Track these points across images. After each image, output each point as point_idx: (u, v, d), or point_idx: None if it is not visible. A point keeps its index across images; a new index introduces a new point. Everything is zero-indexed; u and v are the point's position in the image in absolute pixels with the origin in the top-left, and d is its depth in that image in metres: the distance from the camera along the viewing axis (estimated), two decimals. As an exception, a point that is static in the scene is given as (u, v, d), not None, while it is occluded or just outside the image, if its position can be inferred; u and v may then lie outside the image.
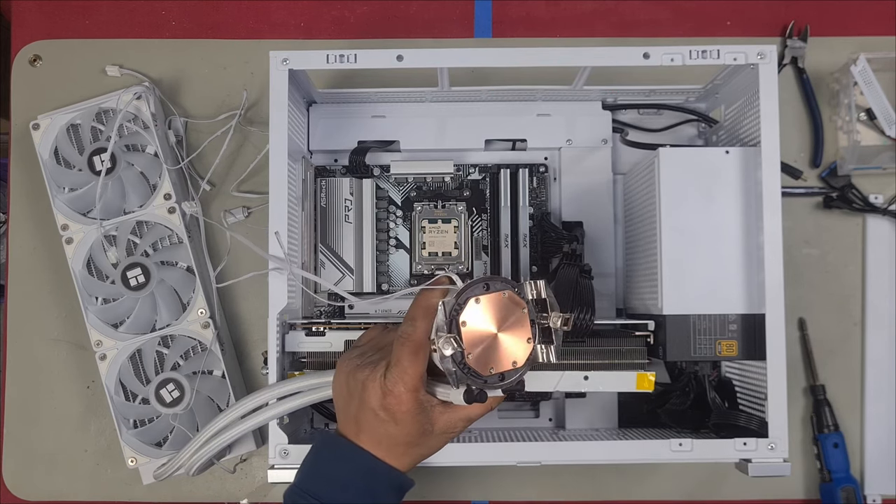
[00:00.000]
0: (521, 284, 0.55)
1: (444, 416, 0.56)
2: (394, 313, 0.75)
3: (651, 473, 0.80)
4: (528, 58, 0.65)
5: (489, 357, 0.53)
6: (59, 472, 0.80)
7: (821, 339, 0.80)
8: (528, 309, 0.54)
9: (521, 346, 0.54)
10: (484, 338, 0.53)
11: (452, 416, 0.56)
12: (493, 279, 0.54)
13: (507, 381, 0.54)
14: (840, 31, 0.83)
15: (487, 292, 0.53)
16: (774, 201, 0.62)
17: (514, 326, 0.53)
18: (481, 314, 0.53)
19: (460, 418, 0.56)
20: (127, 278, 0.76)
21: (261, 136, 0.81)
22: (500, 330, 0.53)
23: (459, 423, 0.56)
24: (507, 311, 0.53)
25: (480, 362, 0.53)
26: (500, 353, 0.53)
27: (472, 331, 0.53)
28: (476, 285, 0.53)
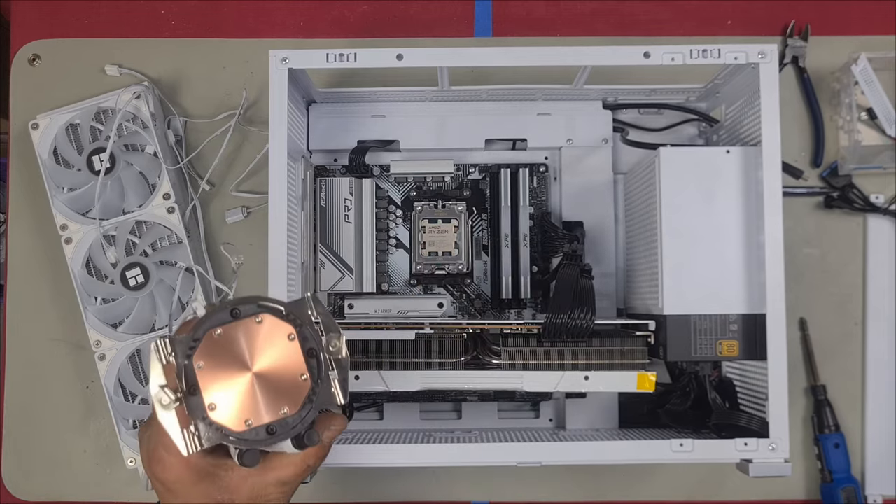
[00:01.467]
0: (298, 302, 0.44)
1: (248, 481, 0.45)
2: (393, 313, 0.74)
3: (651, 474, 0.80)
4: (528, 57, 0.65)
5: (243, 407, 0.41)
6: (59, 472, 0.80)
7: (821, 339, 0.80)
8: (299, 335, 0.42)
9: (290, 387, 0.42)
10: (234, 382, 0.41)
11: (259, 480, 0.45)
12: (246, 301, 0.43)
13: (278, 434, 0.42)
14: (841, 30, 0.83)
15: (235, 319, 0.42)
16: (775, 201, 0.62)
17: (279, 361, 0.42)
18: (227, 350, 0.41)
19: (270, 483, 0.45)
20: (126, 278, 0.76)
21: (260, 136, 0.81)
22: (258, 370, 0.42)
23: (271, 488, 0.45)
24: (267, 343, 0.42)
25: (230, 414, 0.41)
26: (259, 400, 0.41)
27: (214, 374, 0.41)
28: (220, 312, 0.42)
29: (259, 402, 0.41)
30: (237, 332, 0.42)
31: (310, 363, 0.42)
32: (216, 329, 0.42)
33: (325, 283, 0.74)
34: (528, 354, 0.65)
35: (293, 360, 0.42)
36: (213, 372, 0.41)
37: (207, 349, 0.41)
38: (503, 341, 0.65)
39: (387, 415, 0.76)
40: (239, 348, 0.42)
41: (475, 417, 0.77)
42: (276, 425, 0.42)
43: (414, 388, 0.65)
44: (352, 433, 0.73)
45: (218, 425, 0.41)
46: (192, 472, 0.44)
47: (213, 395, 0.41)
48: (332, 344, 0.43)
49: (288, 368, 0.42)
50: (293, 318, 0.43)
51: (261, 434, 0.42)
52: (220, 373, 0.41)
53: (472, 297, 0.77)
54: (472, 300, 0.77)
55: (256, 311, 0.42)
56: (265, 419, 0.41)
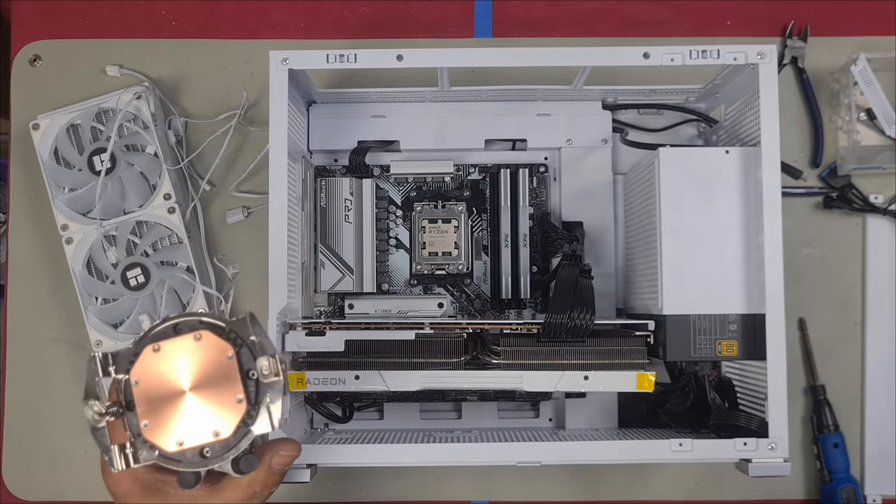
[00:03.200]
0: (238, 321, 0.42)
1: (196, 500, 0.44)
2: (393, 313, 0.75)
3: (651, 473, 0.80)
4: (528, 58, 0.65)
5: (176, 426, 0.40)
6: (59, 472, 0.80)
7: (821, 339, 0.80)
8: (238, 355, 0.41)
9: (226, 409, 0.40)
10: (168, 400, 0.40)
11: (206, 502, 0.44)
12: (189, 316, 0.42)
13: (211, 458, 0.41)
14: (840, 30, 0.83)
15: (176, 335, 0.41)
16: (774, 201, 0.62)
17: (216, 382, 0.40)
18: (164, 367, 0.40)
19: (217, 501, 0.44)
20: (127, 278, 0.76)
21: (261, 136, 0.81)
22: (193, 389, 0.40)
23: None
24: (205, 361, 0.41)
25: (162, 434, 0.40)
26: (193, 421, 0.40)
27: (150, 391, 0.40)
28: (162, 326, 0.41)
29: (193, 423, 0.40)
30: (176, 349, 0.41)
31: (247, 385, 0.41)
32: (155, 344, 0.41)
33: (326, 283, 0.74)
34: (527, 354, 0.65)
35: (229, 381, 0.40)
36: (148, 389, 0.40)
37: (144, 365, 0.40)
38: (503, 341, 0.65)
39: (387, 415, 0.76)
40: (176, 366, 0.40)
41: (475, 417, 0.77)
42: (209, 448, 0.41)
43: (414, 388, 0.65)
44: (352, 433, 0.73)
45: (151, 444, 0.40)
46: (139, 487, 0.44)
47: (147, 414, 0.40)
48: (263, 367, 0.41)
49: (224, 389, 0.40)
50: (234, 336, 0.41)
51: (194, 456, 0.41)
52: (155, 390, 0.40)
53: (472, 297, 0.77)
54: (472, 300, 0.77)
55: (198, 326, 0.41)
56: (198, 441, 0.40)
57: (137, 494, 0.44)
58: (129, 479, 0.44)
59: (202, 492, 0.44)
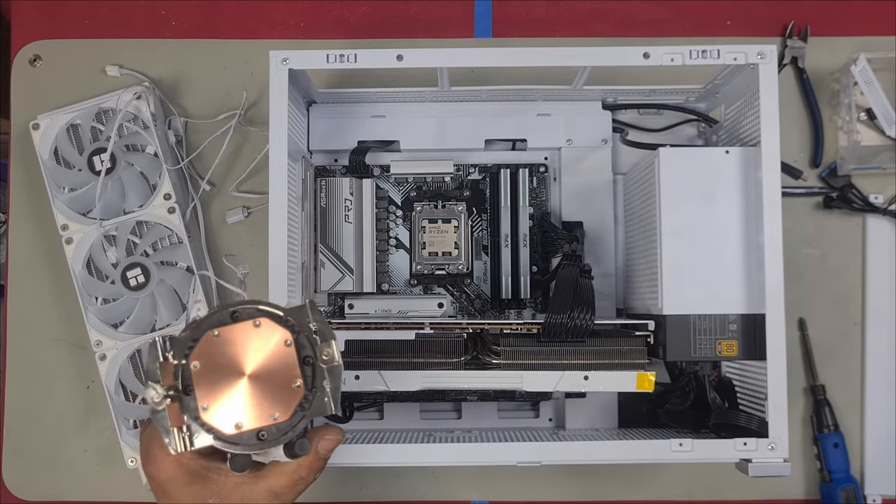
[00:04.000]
0: (298, 308, 0.43)
1: (240, 487, 0.44)
2: (393, 313, 0.75)
3: (651, 473, 0.80)
4: (528, 58, 0.65)
5: (234, 409, 0.41)
6: (59, 472, 0.80)
7: (821, 339, 0.80)
8: (296, 341, 0.42)
9: (283, 394, 0.41)
10: (227, 384, 0.41)
11: (250, 487, 0.44)
12: (247, 304, 0.42)
13: (267, 440, 0.41)
14: (840, 31, 0.83)
15: (234, 321, 0.42)
16: (774, 201, 0.62)
17: (274, 367, 0.41)
18: (223, 352, 0.41)
19: (261, 491, 0.45)
20: (127, 278, 0.76)
21: (261, 136, 0.81)
22: (252, 374, 0.41)
23: (261, 497, 0.45)
24: (262, 346, 0.41)
25: (221, 416, 0.41)
26: (252, 404, 0.41)
27: (209, 375, 0.41)
28: (220, 313, 0.42)
29: (251, 406, 0.41)
30: (234, 335, 0.41)
31: (304, 370, 0.42)
32: (214, 330, 0.41)
33: (326, 283, 0.74)
34: (527, 354, 0.65)
35: (288, 367, 0.41)
36: (207, 373, 0.41)
37: (204, 350, 0.41)
38: (503, 341, 0.65)
39: (387, 415, 0.76)
40: (235, 351, 0.41)
41: (475, 417, 0.77)
42: (266, 431, 0.41)
43: (414, 388, 0.65)
44: (352, 433, 0.73)
45: (209, 427, 0.41)
46: (184, 473, 0.44)
47: (205, 397, 0.41)
48: (325, 352, 0.42)
49: (282, 375, 0.41)
50: (291, 323, 0.42)
51: (251, 439, 0.41)
52: (214, 375, 0.41)
53: (472, 297, 0.77)
54: (472, 300, 0.77)
55: (255, 314, 0.42)
56: (256, 424, 0.41)
57: (181, 482, 0.43)
58: (175, 466, 0.44)
59: (246, 477, 0.44)
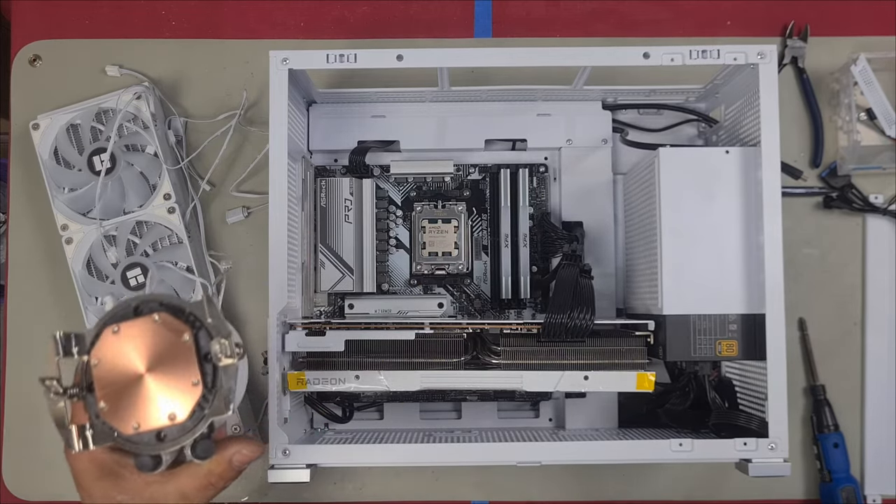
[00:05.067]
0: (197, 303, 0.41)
1: (150, 487, 0.43)
2: (393, 313, 0.75)
3: (651, 473, 0.80)
4: (528, 58, 0.65)
5: (133, 409, 0.39)
6: (59, 472, 0.79)
7: (821, 339, 0.80)
8: (195, 338, 0.40)
9: (181, 393, 0.39)
10: (125, 382, 0.39)
11: (159, 487, 0.43)
12: (149, 298, 0.41)
13: (167, 441, 0.40)
14: (840, 30, 0.83)
15: (136, 316, 0.40)
16: (774, 201, 0.62)
17: (172, 364, 0.39)
18: (121, 348, 0.39)
19: (170, 492, 0.43)
20: (127, 278, 0.76)
21: (261, 136, 0.81)
22: (150, 370, 0.39)
23: (171, 498, 0.43)
24: (162, 344, 0.40)
25: (119, 416, 0.39)
26: (149, 404, 0.39)
27: (108, 372, 0.39)
28: (122, 308, 0.40)
29: (149, 405, 0.39)
30: (134, 331, 0.40)
31: (204, 368, 0.40)
32: (114, 325, 0.40)
33: (326, 283, 0.74)
34: (527, 354, 0.65)
35: (187, 364, 0.40)
36: (107, 370, 0.39)
37: (104, 346, 0.40)
38: (503, 341, 0.65)
39: (387, 415, 0.76)
40: (135, 347, 0.40)
41: (475, 417, 0.77)
42: (167, 431, 0.40)
43: (414, 388, 0.65)
44: (352, 433, 0.73)
45: (109, 426, 0.40)
46: (95, 467, 0.43)
47: (105, 395, 0.39)
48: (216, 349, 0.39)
49: (181, 372, 0.40)
50: (192, 319, 0.40)
51: (150, 439, 0.40)
52: (113, 371, 0.40)
53: (472, 297, 0.77)
54: (472, 300, 0.77)
55: (157, 308, 0.40)
56: (154, 425, 0.40)
57: (92, 475, 0.43)
58: (87, 459, 0.44)
59: (156, 477, 0.42)
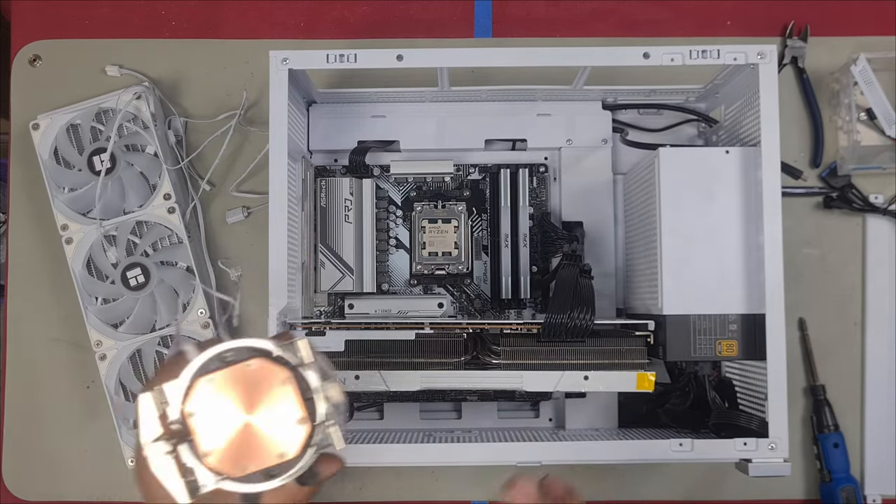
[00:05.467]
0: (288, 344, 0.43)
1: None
2: (393, 313, 0.75)
3: (651, 473, 0.80)
4: (528, 58, 0.65)
5: (239, 453, 0.40)
6: (59, 472, 0.80)
7: (821, 339, 0.80)
8: (293, 378, 0.41)
9: (289, 431, 0.41)
10: (228, 428, 0.40)
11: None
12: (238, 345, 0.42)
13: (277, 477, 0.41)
14: (840, 30, 0.83)
15: (226, 365, 0.41)
16: (774, 201, 0.62)
17: (274, 406, 0.41)
18: (218, 397, 0.40)
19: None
20: (127, 278, 0.76)
21: (261, 136, 0.81)
22: (252, 413, 0.41)
23: None
24: (260, 387, 0.41)
25: (226, 461, 0.40)
26: (256, 446, 0.40)
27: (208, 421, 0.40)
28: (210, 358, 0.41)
29: (258, 447, 0.41)
30: (229, 379, 0.41)
31: (308, 405, 0.42)
32: (208, 376, 0.41)
33: (325, 283, 0.74)
34: (527, 354, 0.65)
35: (288, 404, 0.41)
36: (206, 420, 0.40)
37: (199, 398, 0.41)
38: (503, 341, 0.65)
39: (387, 415, 0.76)
40: (231, 394, 0.41)
41: (475, 417, 0.77)
42: (277, 469, 0.41)
43: (414, 388, 0.65)
44: (352, 433, 0.73)
45: (216, 471, 0.40)
46: None
47: (207, 443, 0.40)
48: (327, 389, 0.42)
49: (284, 412, 0.41)
50: (285, 361, 0.42)
51: (259, 479, 0.41)
52: (214, 420, 0.41)
53: (472, 297, 0.77)
54: (472, 300, 0.77)
55: (247, 355, 0.41)
56: (263, 465, 0.41)
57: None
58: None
59: None
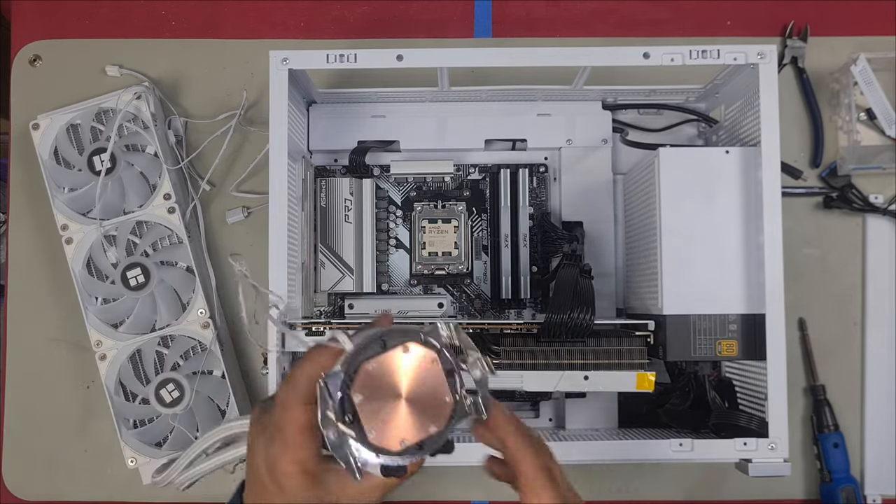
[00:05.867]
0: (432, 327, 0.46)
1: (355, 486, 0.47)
2: (394, 313, 0.74)
3: (651, 473, 0.80)
4: (528, 58, 0.65)
5: (397, 429, 0.45)
6: (59, 472, 0.80)
7: (821, 339, 0.80)
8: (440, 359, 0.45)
9: (437, 407, 0.45)
10: (387, 408, 0.45)
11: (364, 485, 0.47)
12: (391, 333, 0.46)
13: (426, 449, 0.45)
14: (840, 30, 0.83)
15: (384, 351, 0.45)
16: (774, 201, 0.62)
17: (426, 385, 0.45)
18: (379, 380, 0.45)
19: (374, 486, 0.48)
20: (127, 278, 0.76)
21: (261, 136, 0.81)
22: (407, 394, 0.45)
23: (374, 492, 0.48)
24: (412, 368, 0.45)
25: (387, 437, 0.44)
26: (411, 422, 0.45)
27: (371, 403, 0.44)
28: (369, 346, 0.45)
29: (411, 423, 0.45)
30: (388, 363, 0.45)
31: (451, 383, 0.45)
32: (369, 362, 0.44)
33: (325, 283, 0.74)
34: (527, 354, 0.65)
35: (438, 383, 0.45)
36: (370, 401, 0.44)
37: (364, 382, 0.44)
38: (503, 341, 0.65)
39: (387, 415, 0.76)
40: (391, 377, 0.45)
41: (475, 417, 0.77)
42: (426, 442, 0.45)
43: (414, 388, 0.65)
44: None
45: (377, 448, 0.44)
46: (309, 480, 0.47)
47: (371, 423, 0.44)
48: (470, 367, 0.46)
49: (434, 390, 0.45)
50: (432, 343, 0.46)
51: (413, 451, 0.45)
52: (376, 401, 0.44)
53: (472, 297, 0.77)
54: (472, 300, 0.77)
55: (403, 340, 0.45)
56: (417, 438, 0.45)
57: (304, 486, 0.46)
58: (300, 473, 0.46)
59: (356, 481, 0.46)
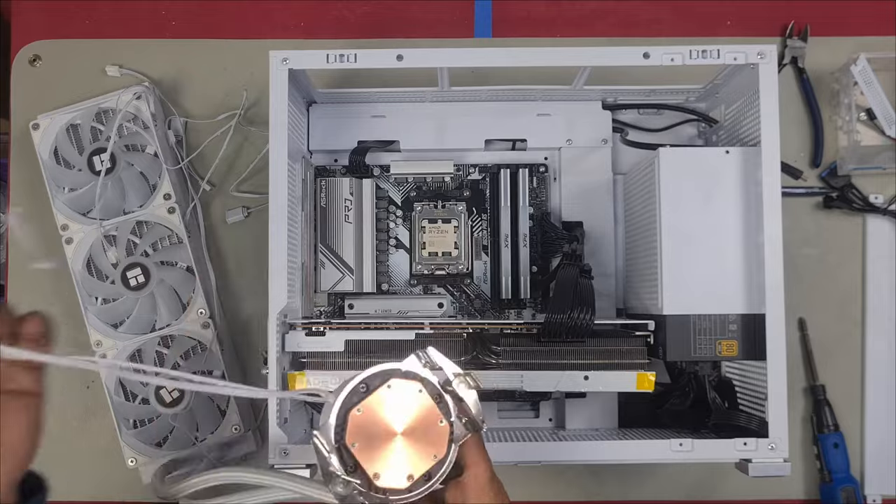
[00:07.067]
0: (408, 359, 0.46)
1: None
2: (393, 313, 0.74)
3: (651, 473, 0.80)
4: (528, 58, 0.65)
5: (402, 465, 0.44)
6: (59, 472, 0.79)
7: (821, 339, 0.80)
8: (426, 386, 0.45)
9: (435, 434, 0.44)
10: (386, 447, 0.44)
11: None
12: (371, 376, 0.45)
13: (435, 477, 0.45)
14: (840, 31, 0.83)
15: (367, 394, 0.44)
16: (774, 201, 0.62)
17: (418, 416, 0.45)
18: (370, 423, 0.44)
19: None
20: (127, 278, 0.76)
21: (261, 136, 0.81)
22: (402, 430, 0.44)
23: None
24: (400, 403, 0.45)
25: (393, 477, 0.44)
26: (413, 454, 0.44)
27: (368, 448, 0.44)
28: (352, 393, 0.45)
29: (413, 456, 0.44)
30: (375, 404, 0.44)
31: (441, 407, 0.45)
32: (356, 408, 0.44)
33: (325, 283, 0.74)
34: (527, 354, 0.65)
35: (429, 411, 0.45)
36: (366, 446, 0.44)
37: (355, 429, 0.44)
38: (503, 341, 0.65)
39: (387, 415, 0.76)
40: (381, 417, 0.44)
41: (475, 417, 0.77)
42: (431, 470, 0.45)
43: (414, 388, 0.65)
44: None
45: (384, 490, 0.44)
46: None
47: (373, 466, 0.44)
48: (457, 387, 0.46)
49: (427, 419, 0.45)
50: (413, 374, 0.46)
51: (421, 482, 0.45)
52: (372, 444, 0.44)
53: (472, 297, 0.77)
54: (472, 300, 0.77)
55: (381, 379, 0.45)
56: (423, 469, 0.44)
57: None
58: None
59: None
